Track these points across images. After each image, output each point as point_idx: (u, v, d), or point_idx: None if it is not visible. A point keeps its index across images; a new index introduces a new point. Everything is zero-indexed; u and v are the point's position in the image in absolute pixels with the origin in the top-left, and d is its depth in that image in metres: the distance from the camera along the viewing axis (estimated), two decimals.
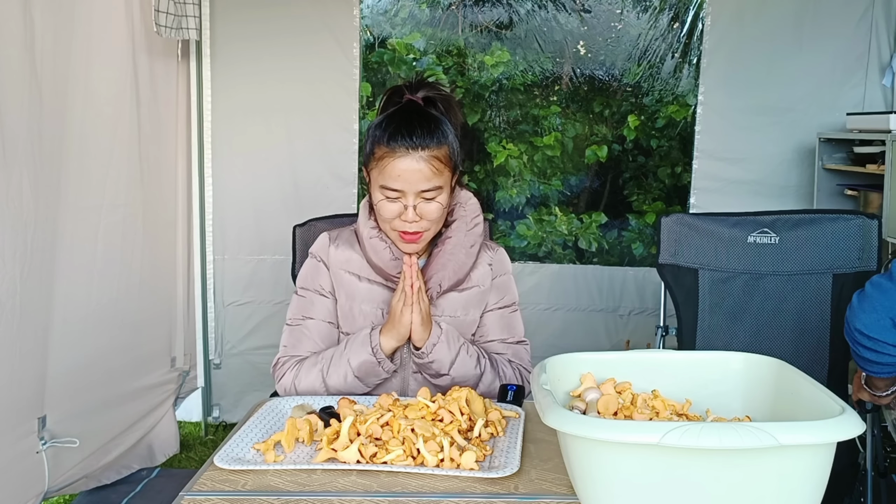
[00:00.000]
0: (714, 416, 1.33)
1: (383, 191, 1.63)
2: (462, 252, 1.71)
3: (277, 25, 3.48)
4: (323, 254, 1.75)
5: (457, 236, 1.72)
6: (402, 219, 1.63)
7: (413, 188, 1.61)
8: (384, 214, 1.64)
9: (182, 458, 3.35)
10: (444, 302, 1.72)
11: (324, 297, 1.74)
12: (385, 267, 1.69)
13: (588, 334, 3.85)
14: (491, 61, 5.72)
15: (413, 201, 1.61)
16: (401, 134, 1.60)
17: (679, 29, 5.72)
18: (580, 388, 1.34)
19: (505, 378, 1.74)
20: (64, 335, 2.55)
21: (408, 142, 1.59)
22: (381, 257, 1.69)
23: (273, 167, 3.57)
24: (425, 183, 1.61)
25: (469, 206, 1.75)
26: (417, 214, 1.62)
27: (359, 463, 1.29)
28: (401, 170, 1.60)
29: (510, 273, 1.82)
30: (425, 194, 1.62)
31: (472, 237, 1.73)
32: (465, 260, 1.71)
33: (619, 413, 1.29)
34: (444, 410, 1.40)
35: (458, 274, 1.71)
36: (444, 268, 1.70)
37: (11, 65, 2.23)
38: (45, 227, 2.42)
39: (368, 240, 1.70)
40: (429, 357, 1.65)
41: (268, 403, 1.57)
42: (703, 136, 3.62)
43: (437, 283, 1.69)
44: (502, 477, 1.25)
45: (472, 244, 1.73)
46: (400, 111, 1.66)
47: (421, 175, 1.60)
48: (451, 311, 1.72)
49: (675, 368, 1.38)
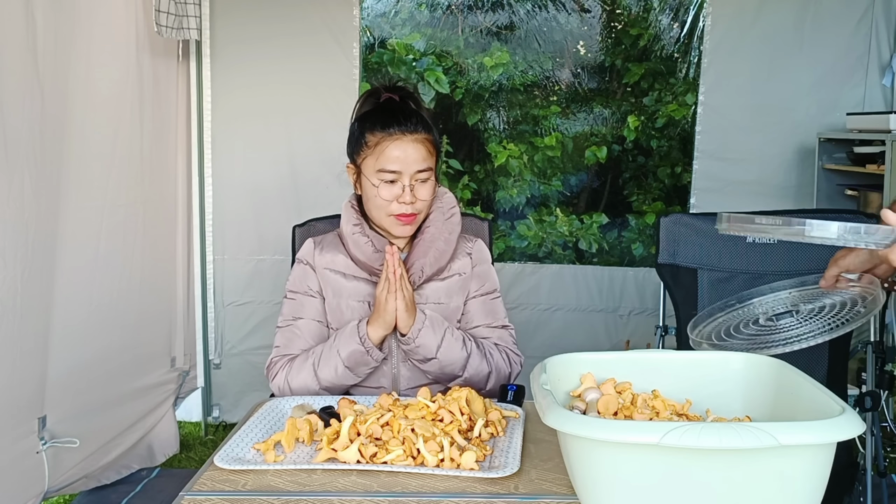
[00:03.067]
0: (714, 416, 1.33)
1: (381, 174, 1.72)
2: (441, 240, 1.78)
3: (278, 26, 3.48)
4: (309, 257, 1.82)
5: (435, 225, 1.80)
6: (399, 201, 1.71)
7: (410, 169, 1.71)
8: (383, 197, 1.72)
9: (182, 458, 3.35)
10: (427, 290, 1.78)
11: (313, 298, 1.80)
12: (368, 260, 1.75)
13: (588, 334, 3.85)
14: (490, 62, 5.72)
15: (409, 182, 1.71)
16: (396, 120, 1.72)
17: (679, 29, 5.72)
18: (580, 388, 1.34)
19: (493, 360, 1.78)
20: (64, 335, 2.55)
21: (403, 126, 1.71)
22: (363, 251, 1.75)
23: (273, 167, 3.58)
24: (421, 163, 1.72)
25: (445, 198, 1.84)
26: (414, 195, 1.72)
27: (359, 463, 1.30)
28: (399, 150, 1.71)
29: (490, 262, 1.90)
30: (421, 174, 1.73)
31: (449, 226, 1.81)
32: (445, 247, 1.79)
33: (619, 413, 1.28)
34: (445, 410, 1.40)
35: (439, 261, 1.78)
36: (426, 255, 1.77)
37: (14, 65, 2.23)
38: (46, 227, 2.42)
39: (351, 236, 1.77)
40: (415, 342, 1.69)
41: (268, 403, 1.57)
42: (703, 137, 3.62)
43: (420, 270, 1.75)
44: (502, 477, 1.25)
45: (451, 232, 1.81)
46: (384, 104, 1.77)
47: (417, 155, 1.71)
48: (434, 299, 1.78)
49: (675, 368, 1.38)
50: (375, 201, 1.73)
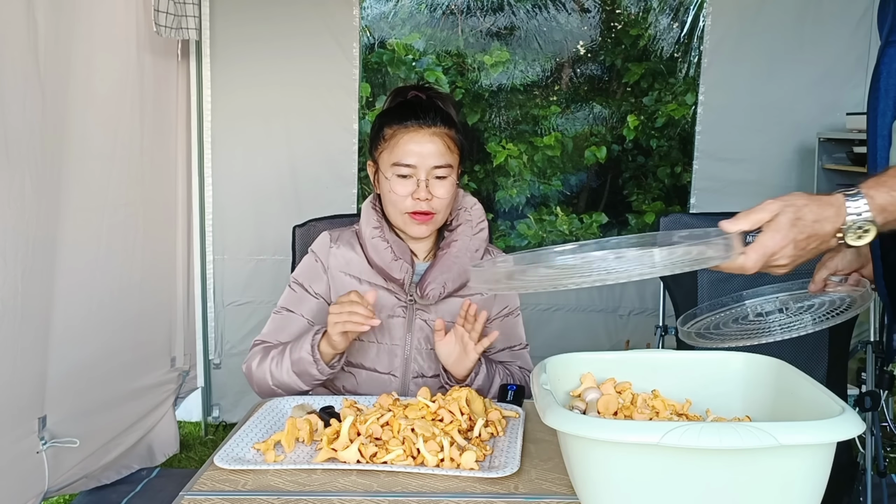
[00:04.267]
0: (714, 417, 1.33)
1: (396, 168, 1.66)
2: (467, 256, 1.73)
3: (277, 26, 3.48)
4: (323, 254, 1.76)
5: (462, 240, 1.74)
6: (414, 197, 1.65)
7: (426, 163, 1.65)
8: (397, 192, 1.66)
9: (182, 458, 3.35)
10: (447, 305, 1.72)
11: (313, 298, 1.76)
12: (386, 267, 1.70)
13: (588, 334, 3.85)
14: (490, 61, 5.72)
15: (425, 177, 1.65)
16: (413, 112, 1.67)
17: (679, 29, 5.72)
18: (580, 388, 1.34)
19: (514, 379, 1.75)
20: (64, 335, 2.55)
21: (420, 119, 1.66)
22: (382, 257, 1.70)
23: (273, 167, 3.58)
24: (438, 159, 1.65)
25: (474, 211, 1.78)
26: (429, 192, 1.65)
27: (359, 463, 1.30)
28: (414, 143, 1.65)
29: None
30: (437, 171, 1.66)
31: (476, 241, 1.75)
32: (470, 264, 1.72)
33: (619, 413, 1.28)
34: (445, 410, 1.40)
35: (461, 278, 1.71)
36: (449, 270, 1.71)
37: (15, 66, 2.23)
38: (46, 227, 2.42)
39: (370, 240, 1.71)
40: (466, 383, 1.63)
41: (268, 403, 1.57)
42: (703, 137, 3.62)
43: (441, 285, 1.70)
44: (502, 477, 1.25)
45: (477, 249, 1.75)
46: (407, 100, 1.72)
47: (434, 149, 1.65)
48: (453, 316, 1.71)
49: (674, 368, 1.38)
50: (390, 196, 1.68)
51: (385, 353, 1.72)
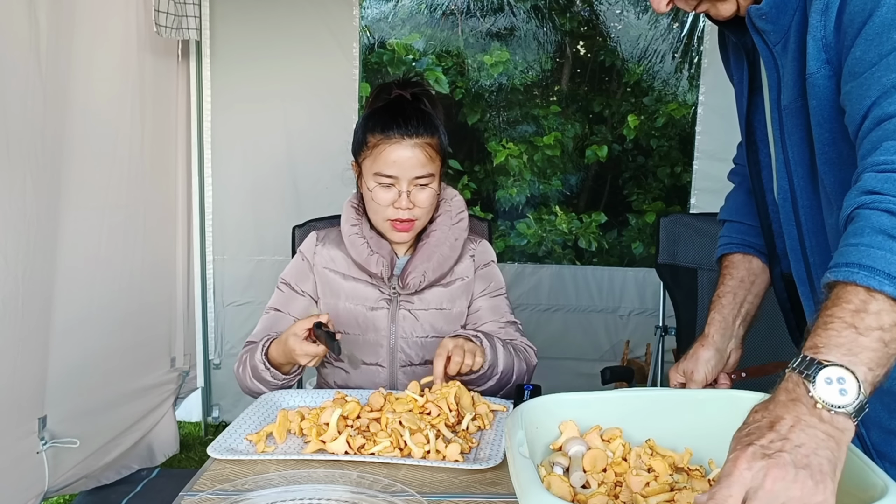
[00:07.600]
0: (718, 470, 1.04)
1: (377, 178, 1.67)
2: (446, 245, 1.75)
3: (277, 26, 3.48)
4: (309, 253, 1.80)
5: (441, 230, 1.77)
6: (395, 206, 1.67)
7: (407, 174, 1.66)
8: (378, 202, 1.68)
9: (182, 458, 3.35)
10: (429, 295, 1.76)
11: (301, 297, 1.79)
12: (363, 262, 1.73)
13: (588, 334, 3.86)
14: (490, 61, 5.72)
15: (407, 188, 1.66)
16: (396, 122, 1.66)
17: (679, 29, 5.72)
18: (561, 439, 1.14)
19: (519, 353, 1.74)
20: (64, 335, 2.56)
21: (403, 129, 1.66)
22: (359, 252, 1.73)
23: (273, 168, 3.58)
24: (419, 169, 1.67)
25: (454, 202, 1.81)
26: (411, 202, 1.67)
27: (347, 454, 1.32)
28: (396, 156, 1.65)
29: (494, 262, 1.86)
30: (419, 181, 1.68)
31: (456, 231, 1.78)
32: (450, 254, 1.75)
33: (609, 470, 1.10)
34: (432, 405, 1.43)
35: (442, 267, 1.74)
36: (429, 260, 1.74)
37: (16, 66, 2.23)
38: (46, 227, 2.42)
39: (348, 236, 1.75)
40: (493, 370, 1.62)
41: (262, 396, 1.60)
42: (703, 137, 3.62)
43: (421, 274, 1.73)
44: (487, 468, 1.27)
45: (457, 238, 1.77)
46: (391, 103, 1.71)
47: (415, 161, 1.66)
48: (437, 304, 1.76)
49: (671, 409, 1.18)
50: (371, 205, 1.71)
51: (371, 345, 1.75)
